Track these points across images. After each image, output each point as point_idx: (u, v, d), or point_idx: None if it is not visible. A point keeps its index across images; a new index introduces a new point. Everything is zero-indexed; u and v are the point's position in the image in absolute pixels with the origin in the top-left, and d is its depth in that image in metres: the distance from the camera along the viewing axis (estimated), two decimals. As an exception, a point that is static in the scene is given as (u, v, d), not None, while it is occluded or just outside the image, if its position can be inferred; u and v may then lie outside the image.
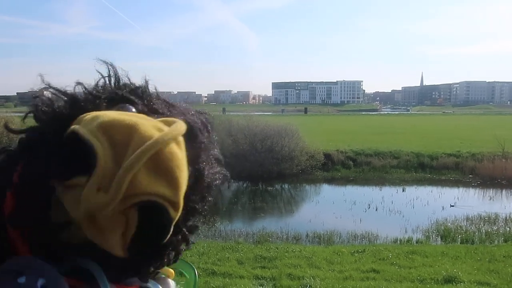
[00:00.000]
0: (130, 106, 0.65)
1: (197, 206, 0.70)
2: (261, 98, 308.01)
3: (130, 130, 0.54)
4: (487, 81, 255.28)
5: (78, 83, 0.69)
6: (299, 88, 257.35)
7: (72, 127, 0.56)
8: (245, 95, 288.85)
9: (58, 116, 0.64)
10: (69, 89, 0.69)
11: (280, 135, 25.28)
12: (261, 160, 23.78)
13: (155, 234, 0.57)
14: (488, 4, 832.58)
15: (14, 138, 0.68)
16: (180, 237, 0.70)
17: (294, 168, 24.30)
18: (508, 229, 13.93)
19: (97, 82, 0.72)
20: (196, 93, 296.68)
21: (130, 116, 0.57)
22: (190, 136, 0.63)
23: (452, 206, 17.34)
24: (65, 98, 0.67)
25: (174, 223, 0.57)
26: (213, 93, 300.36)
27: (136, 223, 0.54)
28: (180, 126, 0.57)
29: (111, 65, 0.73)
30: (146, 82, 0.73)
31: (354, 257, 9.29)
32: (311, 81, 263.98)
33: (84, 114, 0.59)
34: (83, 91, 0.68)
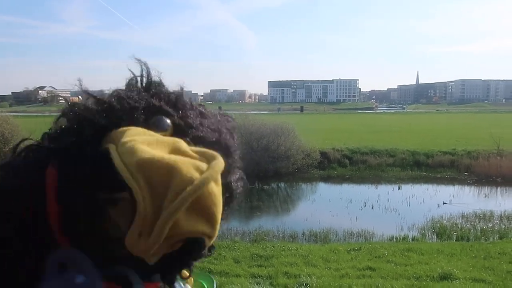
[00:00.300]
0: (166, 119, 0.64)
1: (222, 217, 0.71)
2: (257, 97, 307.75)
3: (170, 171, 0.52)
4: (482, 79, 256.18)
5: (115, 92, 0.68)
6: (295, 86, 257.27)
7: (110, 149, 0.56)
8: (241, 94, 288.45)
9: (93, 124, 0.63)
10: (106, 93, 0.68)
11: (276, 133, 25.29)
12: (257, 159, 23.77)
13: (191, 257, 0.63)
14: (485, 3, 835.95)
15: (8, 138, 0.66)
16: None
17: (290, 166, 24.33)
18: (503, 226, 14.02)
19: (128, 83, 0.71)
20: (192, 92, 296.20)
21: (165, 148, 0.57)
22: (224, 155, 0.61)
23: (445, 203, 17.46)
24: (101, 105, 0.65)
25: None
26: (209, 92, 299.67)
27: (180, 248, 0.57)
28: (220, 164, 0.56)
29: (144, 64, 0.72)
30: (182, 89, 0.73)
31: (350, 255, 9.32)
32: (307, 79, 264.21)
33: (119, 131, 0.58)
34: (120, 97, 0.66)
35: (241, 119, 27.08)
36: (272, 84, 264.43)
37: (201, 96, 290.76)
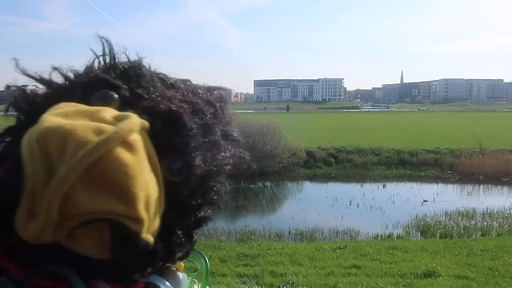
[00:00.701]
0: (111, 93, 0.57)
1: (193, 202, 0.63)
2: (243, 96, 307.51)
3: (65, 136, 0.44)
4: (465, 78, 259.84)
5: (55, 68, 0.62)
6: (281, 86, 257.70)
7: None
8: (227, 93, 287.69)
9: (32, 106, 0.58)
10: (46, 75, 0.63)
11: (262, 133, 25.29)
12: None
13: (128, 245, 0.50)
14: (468, 2, 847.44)
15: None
16: (177, 239, 0.63)
17: (276, 165, 24.36)
18: (485, 223, 14.23)
19: (92, 62, 0.65)
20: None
21: (80, 117, 0.49)
22: (175, 125, 0.57)
23: (426, 201, 17.71)
24: (41, 86, 0.62)
25: (144, 230, 0.50)
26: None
27: (109, 236, 0.48)
28: (129, 124, 0.47)
29: (107, 41, 0.66)
30: (140, 59, 0.65)
31: (335, 253, 9.38)
32: (293, 78, 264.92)
33: (49, 109, 0.51)
34: (61, 75, 0.62)
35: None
36: (258, 83, 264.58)
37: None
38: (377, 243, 10.73)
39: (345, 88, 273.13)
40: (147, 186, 0.48)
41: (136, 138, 0.48)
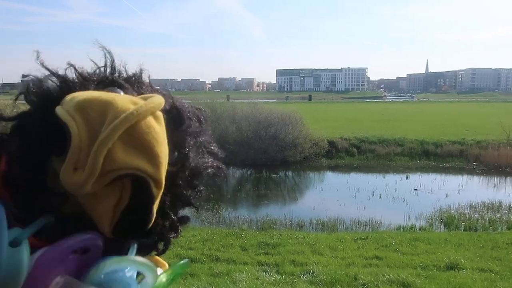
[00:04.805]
0: (119, 90, 0.64)
1: (184, 192, 0.69)
2: (265, 85, 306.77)
3: (106, 105, 0.52)
4: (493, 68, 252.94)
5: (70, 65, 0.68)
6: (303, 75, 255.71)
7: (56, 109, 0.56)
8: (249, 82, 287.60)
9: (47, 97, 0.63)
10: (61, 70, 0.68)
11: (284, 122, 25.25)
12: (265, 147, 23.79)
13: (140, 211, 0.56)
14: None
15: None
16: (168, 224, 0.70)
17: (298, 155, 24.33)
18: (511, 216, 13.94)
19: (94, 71, 0.70)
20: (200, 80, 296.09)
21: (107, 93, 0.57)
22: (176, 119, 0.64)
23: (416, 190, 17.96)
24: (55, 79, 0.66)
25: (158, 203, 0.57)
26: (217, 80, 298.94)
27: (130, 194, 0.54)
28: (158, 100, 0.55)
29: (109, 52, 0.71)
30: (141, 70, 0.72)
31: (357, 243, 9.34)
32: (316, 68, 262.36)
33: (68, 95, 0.58)
34: (75, 73, 0.67)
35: (249, 107, 27.06)
36: (280, 73, 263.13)
37: (209, 84, 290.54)
38: (399, 234, 10.63)
39: (369, 77, 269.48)
40: (167, 156, 0.55)
41: (161, 114, 0.56)
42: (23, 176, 0.58)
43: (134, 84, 0.69)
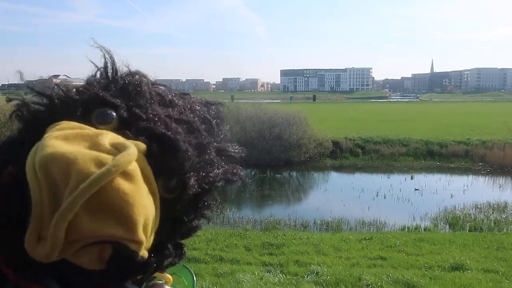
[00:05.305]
0: (109, 112, 0.60)
1: (185, 217, 0.66)
2: (269, 85, 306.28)
3: (67, 166, 0.47)
4: (499, 67, 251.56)
5: (56, 85, 0.65)
6: (307, 75, 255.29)
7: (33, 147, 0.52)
8: (253, 83, 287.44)
9: (34, 120, 0.61)
10: (53, 86, 0.65)
11: (288, 122, 25.24)
12: (269, 147, 23.78)
13: (127, 263, 0.54)
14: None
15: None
16: (167, 251, 0.68)
17: (302, 155, 24.32)
18: (517, 217, 13.86)
19: (91, 75, 0.67)
20: (204, 81, 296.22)
21: (81, 142, 0.52)
22: (170, 149, 0.58)
23: (417, 189, 17.94)
24: (44, 101, 0.63)
25: (142, 250, 0.54)
26: (221, 80, 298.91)
27: (110, 250, 0.52)
28: (127, 157, 0.49)
29: (108, 53, 0.67)
30: (143, 75, 0.67)
31: (361, 244, 9.32)
32: (320, 68, 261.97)
33: (51, 126, 0.56)
34: (62, 90, 0.63)
35: (254, 107, 27.06)
36: (284, 73, 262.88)
37: (214, 84, 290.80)
38: (404, 235, 10.60)
39: (373, 77, 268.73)
40: (146, 211, 0.51)
41: (134, 167, 0.51)
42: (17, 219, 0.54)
43: (131, 95, 0.63)
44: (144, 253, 0.54)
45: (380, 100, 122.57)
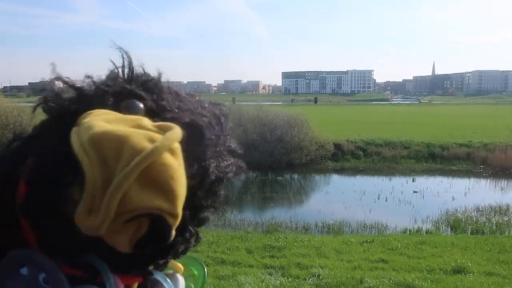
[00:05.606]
0: (138, 103, 0.63)
1: (204, 203, 0.70)
2: (270, 87, 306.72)
3: (121, 143, 0.50)
4: (500, 70, 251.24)
5: (88, 76, 0.67)
6: (309, 77, 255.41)
7: (72, 131, 0.55)
8: (255, 85, 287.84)
9: (65, 110, 0.63)
10: (79, 81, 0.67)
11: (290, 125, 25.26)
12: (270, 150, 23.79)
13: (158, 238, 0.56)
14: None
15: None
16: (188, 234, 0.71)
17: (304, 158, 24.31)
18: (519, 220, 13.83)
19: (110, 72, 0.70)
20: (206, 83, 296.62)
21: (124, 124, 0.55)
22: (196, 135, 0.63)
23: (416, 192, 18.03)
24: (73, 92, 0.65)
25: (176, 226, 0.56)
26: (223, 82, 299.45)
27: (146, 228, 0.54)
28: (175, 134, 0.53)
29: (126, 53, 0.70)
30: (160, 74, 0.71)
31: (363, 247, 9.30)
32: (321, 70, 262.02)
33: (85, 114, 0.57)
34: (92, 84, 0.66)
35: (255, 110, 27.08)
36: (286, 75, 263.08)
37: (215, 86, 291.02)
38: (405, 238, 10.59)
39: (375, 80, 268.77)
40: (184, 187, 0.54)
41: (177, 145, 0.54)
42: (47, 202, 0.57)
43: (153, 90, 0.67)
44: (173, 232, 0.57)
45: (381, 103, 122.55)
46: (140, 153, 0.49)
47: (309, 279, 6.65)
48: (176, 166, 0.52)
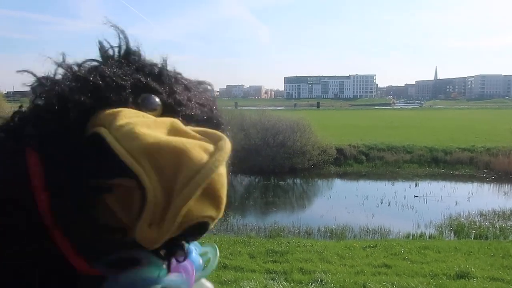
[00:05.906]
0: (155, 98, 0.61)
1: None
2: (273, 92, 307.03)
3: (178, 155, 0.49)
4: (503, 74, 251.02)
5: (95, 68, 0.63)
6: (311, 82, 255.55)
7: (103, 133, 0.53)
8: (257, 90, 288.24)
9: (79, 105, 0.57)
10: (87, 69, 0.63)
11: (292, 129, 25.25)
12: (273, 154, 23.78)
13: (195, 237, 0.60)
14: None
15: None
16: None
17: (306, 162, 24.28)
18: (523, 224, 13.76)
19: (104, 52, 0.66)
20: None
21: (169, 133, 0.53)
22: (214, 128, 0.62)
23: (416, 196, 17.93)
24: (85, 84, 0.59)
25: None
26: (225, 87, 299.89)
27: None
28: (227, 145, 0.52)
29: (122, 32, 0.66)
30: (165, 61, 0.68)
31: (366, 252, 9.27)
32: (324, 75, 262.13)
33: (110, 112, 0.55)
34: (103, 75, 0.61)
35: (258, 114, 27.10)
36: (288, 80, 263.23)
37: (217, 91, 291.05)
38: (409, 243, 10.54)
39: (377, 84, 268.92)
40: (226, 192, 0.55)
41: None
42: (80, 210, 0.54)
43: (162, 81, 0.64)
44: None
45: (384, 107, 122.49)
46: (201, 167, 0.48)
47: (311, 284, 6.63)
48: (224, 174, 0.53)
